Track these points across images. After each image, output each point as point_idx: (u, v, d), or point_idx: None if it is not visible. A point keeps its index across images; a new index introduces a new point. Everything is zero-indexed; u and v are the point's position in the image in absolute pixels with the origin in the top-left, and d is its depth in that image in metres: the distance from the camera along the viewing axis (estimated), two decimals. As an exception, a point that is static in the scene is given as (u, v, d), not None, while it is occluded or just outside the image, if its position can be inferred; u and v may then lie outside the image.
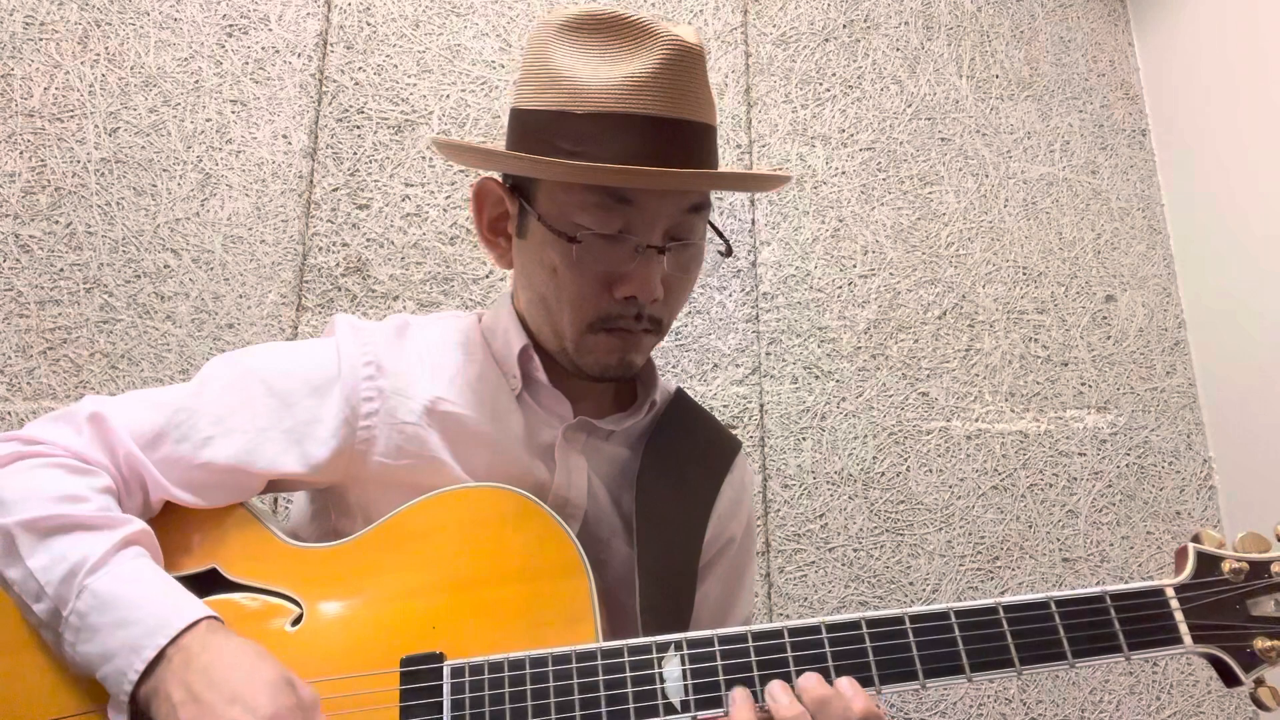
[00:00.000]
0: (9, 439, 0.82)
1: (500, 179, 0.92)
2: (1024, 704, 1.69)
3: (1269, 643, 0.71)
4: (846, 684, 0.69)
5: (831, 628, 0.72)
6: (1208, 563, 0.75)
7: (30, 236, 1.57)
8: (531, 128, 0.85)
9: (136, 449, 0.82)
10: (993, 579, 1.74)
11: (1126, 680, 1.73)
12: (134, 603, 0.72)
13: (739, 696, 0.70)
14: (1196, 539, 0.76)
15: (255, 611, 0.79)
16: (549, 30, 0.85)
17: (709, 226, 0.93)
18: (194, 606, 0.73)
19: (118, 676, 0.69)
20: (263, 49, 1.73)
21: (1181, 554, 0.76)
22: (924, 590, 1.71)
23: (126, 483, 0.82)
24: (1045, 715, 1.69)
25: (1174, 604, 0.73)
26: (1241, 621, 0.73)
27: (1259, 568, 0.74)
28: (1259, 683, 0.71)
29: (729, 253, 0.95)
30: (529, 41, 0.89)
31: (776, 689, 0.70)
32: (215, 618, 0.74)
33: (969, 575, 1.73)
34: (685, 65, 0.82)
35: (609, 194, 0.82)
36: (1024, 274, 1.92)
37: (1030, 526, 1.78)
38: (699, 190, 0.87)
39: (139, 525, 0.78)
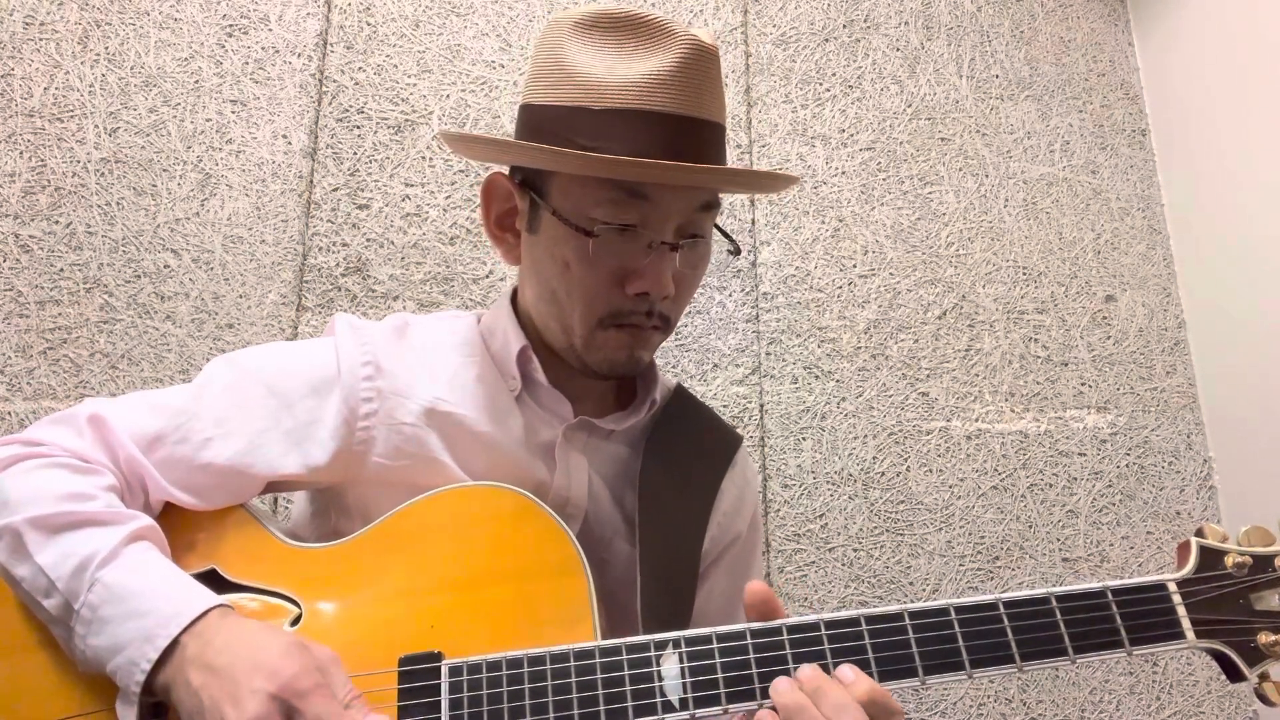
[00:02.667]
0: (10, 442, 0.82)
1: (508, 174, 0.92)
2: (1024, 704, 1.68)
3: (1273, 637, 0.70)
4: (846, 670, 0.69)
5: (830, 624, 0.71)
6: (1210, 557, 0.74)
7: (30, 236, 1.57)
8: (545, 123, 0.85)
9: (136, 451, 0.82)
10: (993, 579, 1.74)
11: (1127, 680, 1.73)
12: (146, 594, 0.72)
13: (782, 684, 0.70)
14: (1199, 533, 0.75)
15: (254, 612, 0.79)
16: (562, 28, 0.86)
17: (717, 229, 0.93)
18: (205, 596, 0.74)
19: (129, 667, 0.69)
20: (263, 49, 1.73)
21: (1184, 548, 0.75)
22: (924, 590, 1.71)
23: (128, 483, 0.82)
24: (1045, 715, 1.68)
25: (1176, 599, 0.72)
26: (1245, 616, 0.72)
27: (1263, 562, 0.73)
28: (1263, 678, 0.71)
29: (738, 252, 0.95)
30: (540, 39, 0.89)
31: (780, 681, 0.70)
32: (226, 605, 0.74)
33: (969, 575, 1.73)
34: (703, 65, 0.83)
35: (624, 189, 0.82)
36: (1024, 274, 1.92)
37: (1030, 526, 1.78)
38: (711, 188, 0.87)
39: (146, 521, 0.79)
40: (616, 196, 0.82)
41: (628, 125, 0.80)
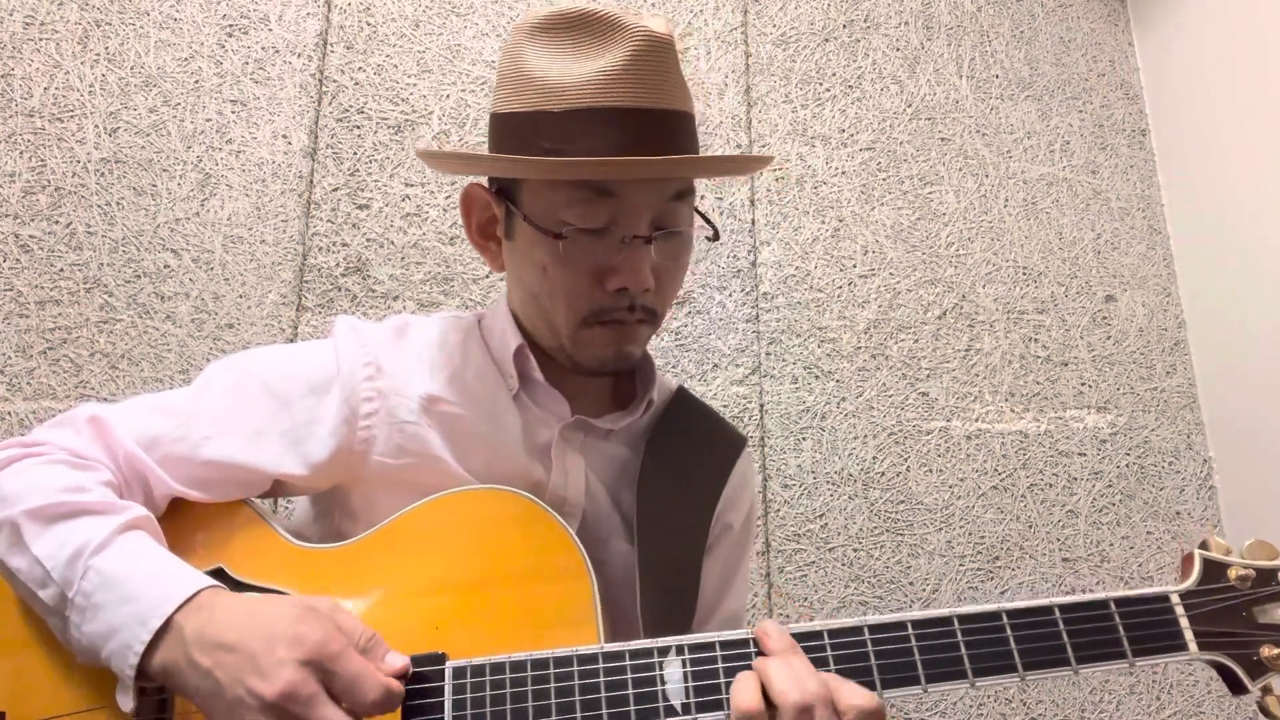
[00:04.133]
0: (9, 445, 0.82)
1: (485, 183, 0.93)
2: (1024, 704, 1.69)
3: (1276, 650, 0.71)
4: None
5: (834, 633, 0.72)
6: (1214, 569, 0.74)
7: (30, 236, 1.57)
8: (510, 129, 0.85)
9: (137, 449, 0.82)
10: (993, 579, 1.74)
11: (1127, 680, 1.73)
12: (138, 578, 0.72)
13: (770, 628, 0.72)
14: (1204, 545, 0.75)
15: None
16: (521, 34, 0.86)
17: (697, 214, 0.93)
18: (196, 577, 0.73)
19: (123, 651, 0.69)
20: (263, 49, 1.72)
21: (1188, 560, 0.75)
22: (924, 590, 1.71)
23: (127, 481, 0.83)
24: (1045, 715, 1.69)
25: (1179, 610, 0.73)
26: (1248, 629, 0.72)
27: (1266, 575, 0.73)
28: (1266, 691, 0.71)
29: (716, 237, 0.96)
30: (504, 47, 0.90)
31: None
32: (217, 585, 0.74)
33: (969, 575, 1.73)
34: (655, 55, 0.82)
35: (591, 188, 0.82)
36: (1024, 274, 1.92)
37: (1030, 526, 1.78)
38: (681, 177, 0.87)
39: (142, 511, 0.79)
40: (585, 196, 0.83)
41: (587, 124, 0.81)
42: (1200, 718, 1.74)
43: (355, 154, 1.72)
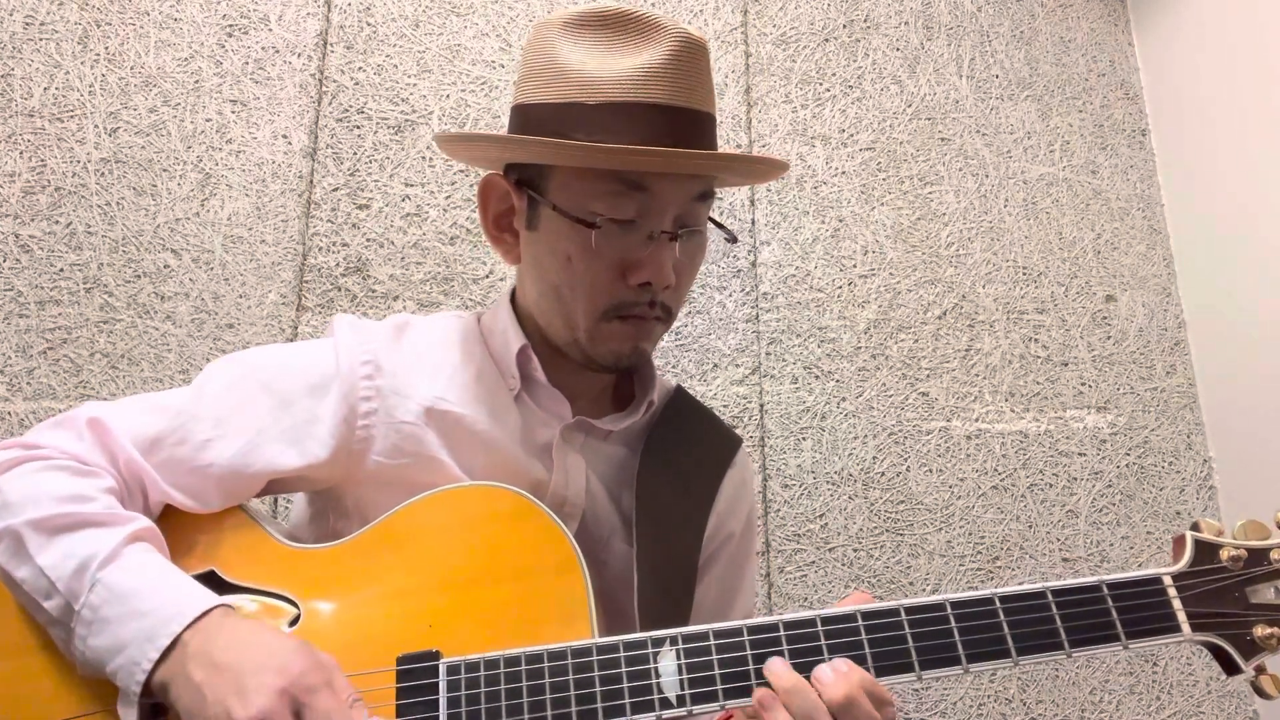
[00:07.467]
0: (9, 446, 0.82)
1: (504, 175, 0.93)
2: (1024, 704, 1.68)
3: (1269, 630, 0.71)
4: (826, 670, 0.69)
5: (827, 620, 0.71)
6: (1206, 551, 0.74)
7: (30, 236, 1.57)
8: (540, 120, 0.85)
9: (137, 453, 0.82)
10: (993, 579, 1.73)
11: (1126, 680, 1.72)
12: (147, 593, 0.72)
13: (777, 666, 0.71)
14: (1195, 527, 0.75)
15: (253, 613, 0.79)
16: (552, 29, 0.87)
17: (712, 222, 0.94)
18: (206, 596, 0.74)
19: (130, 667, 0.69)
20: (263, 49, 1.73)
21: (1179, 542, 0.76)
22: (924, 590, 1.71)
23: (128, 486, 0.82)
24: (1045, 715, 1.68)
25: (1171, 592, 0.73)
26: (1241, 609, 0.72)
27: (1258, 555, 0.73)
28: (1260, 670, 0.71)
29: (734, 240, 0.97)
30: (530, 41, 0.90)
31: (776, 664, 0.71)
32: (228, 605, 0.74)
33: (969, 575, 1.73)
34: (693, 57, 0.84)
35: (623, 181, 0.83)
36: (1024, 274, 1.92)
37: (1030, 526, 1.78)
38: (708, 177, 0.88)
39: (146, 522, 0.79)
40: (616, 188, 0.83)
41: (623, 118, 0.81)
42: (1200, 718, 1.73)
43: (355, 154, 1.72)
